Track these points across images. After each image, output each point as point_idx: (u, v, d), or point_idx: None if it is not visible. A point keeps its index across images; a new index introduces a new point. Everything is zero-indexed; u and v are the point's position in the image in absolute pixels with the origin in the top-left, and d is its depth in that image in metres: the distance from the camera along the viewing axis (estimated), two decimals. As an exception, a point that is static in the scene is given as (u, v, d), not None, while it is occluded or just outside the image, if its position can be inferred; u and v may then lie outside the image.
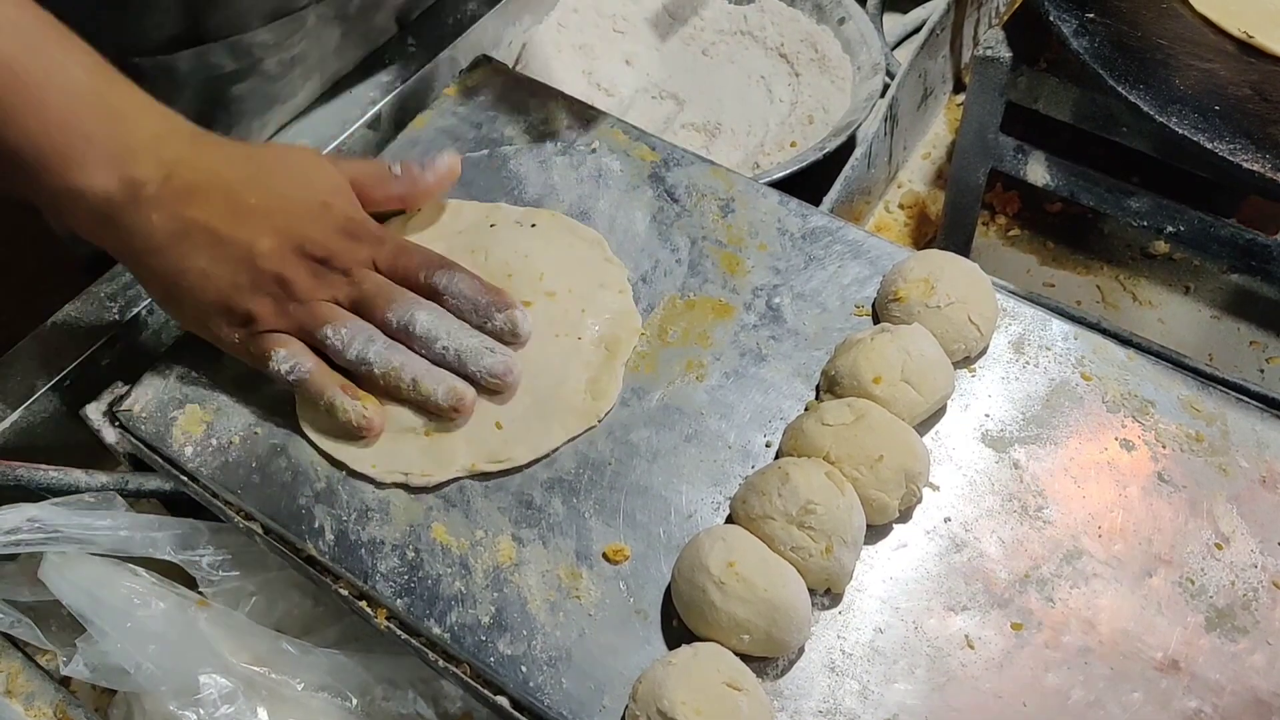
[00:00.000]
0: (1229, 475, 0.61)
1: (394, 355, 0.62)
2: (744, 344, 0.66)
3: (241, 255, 0.61)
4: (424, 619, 0.57)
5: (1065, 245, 0.93)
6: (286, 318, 0.62)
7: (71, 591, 0.60)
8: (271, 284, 0.61)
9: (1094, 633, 0.56)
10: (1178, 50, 0.74)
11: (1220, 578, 0.57)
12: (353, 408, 0.61)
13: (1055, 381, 0.64)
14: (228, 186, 0.62)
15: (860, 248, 0.70)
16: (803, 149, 0.89)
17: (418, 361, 0.62)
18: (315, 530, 0.60)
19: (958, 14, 0.97)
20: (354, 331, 0.62)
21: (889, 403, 0.60)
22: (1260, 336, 0.87)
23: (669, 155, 0.76)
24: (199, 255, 0.61)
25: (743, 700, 0.51)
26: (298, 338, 0.62)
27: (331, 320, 0.62)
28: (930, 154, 1.00)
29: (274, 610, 0.63)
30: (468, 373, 0.62)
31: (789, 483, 0.56)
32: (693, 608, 0.55)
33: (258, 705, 0.59)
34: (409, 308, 0.62)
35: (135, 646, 0.59)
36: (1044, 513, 0.60)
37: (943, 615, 0.57)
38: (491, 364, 0.62)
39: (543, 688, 0.55)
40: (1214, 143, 0.68)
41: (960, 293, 0.64)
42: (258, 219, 0.62)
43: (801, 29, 1.00)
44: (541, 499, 0.61)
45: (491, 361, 0.62)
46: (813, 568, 0.55)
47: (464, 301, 0.63)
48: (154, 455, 0.64)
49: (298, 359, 0.61)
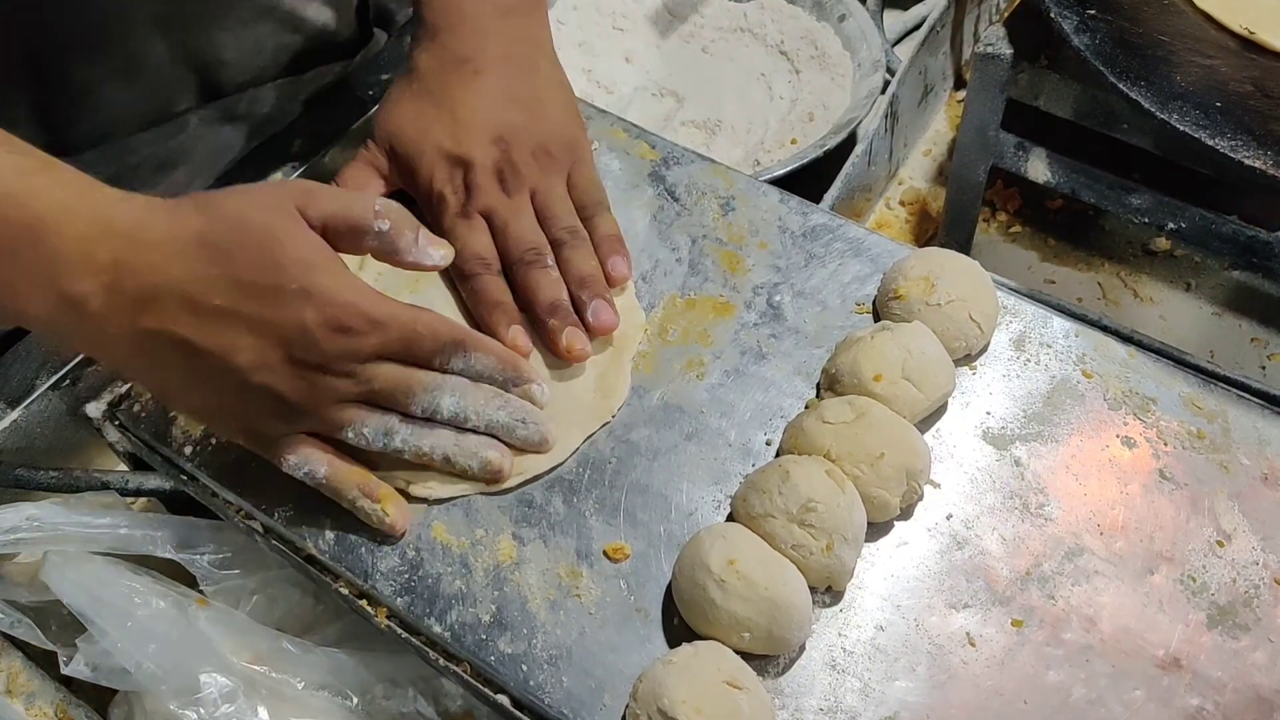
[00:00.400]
0: (1230, 472, 0.60)
1: (422, 441, 0.58)
2: (744, 342, 0.66)
3: (221, 369, 0.54)
4: (424, 618, 0.57)
5: (1066, 242, 0.93)
6: (293, 424, 0.57)
7: (72, 590, 0.60)
8: (266, 399, 0.55)
9: (1095, 630, 0.56)
10: (1179, 47, 0.74)
11: (1222, 575, 0.57)
12: (372, 510, 0.58)
13: (1056, 379, 0.64)
14: (182, 289, 0.53)
15: (861, 245, 0.70)
16: (803, 146, 0.89)
17: (445, 439, 0.58)
18: (315, 529, 0.60)
19: (958, 10, 0.97)
20: (375, 429, 0.57)
21: (890, 400, 0.60)
22: (1261, 333, 0.87)
23: (669, 153, 0.76)
24: (173, 368, 0.54)
25: (743, 699, 0.51)
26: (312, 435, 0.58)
27: (347, 424, 0.57)
28: (931, 151, 1.00)
29: (274, 609, 0.63)
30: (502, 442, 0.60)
31: (790, 481, 0.56)
32: (693, 606, 0.55)
33: (258, 704, 0.59)
34: (433, 397, 0.58)
35: (136, 645, 0.59)
36: (1045, 510, 0.60)
37: (944, 613, 0.56)
38: (525, 435, 0.60)
39: (543, 686, 0.54)
40: (1215, 139, 0.67)
41: (961, 290, 0.64)
42: (228, 322, 0.53)
43: (802, 26, 1.00)
44: (542, 498, 0.61)
45: (525, 434, 0.60)
46: (814, 566, 0.55)
47: (483, 380, 0.60)
48: (154, 454, 0.63)
49: (310, 465, 0.57)
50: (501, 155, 0.67)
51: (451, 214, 0.67)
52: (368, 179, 0.70)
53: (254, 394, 0.55)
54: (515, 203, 0.67)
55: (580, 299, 0.64)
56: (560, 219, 0.67)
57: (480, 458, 0.59)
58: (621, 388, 0.64)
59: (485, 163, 0.67)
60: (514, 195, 0.67)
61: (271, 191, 0.57)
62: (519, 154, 0.67)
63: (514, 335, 0.63)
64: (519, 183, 0.67)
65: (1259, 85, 0.71)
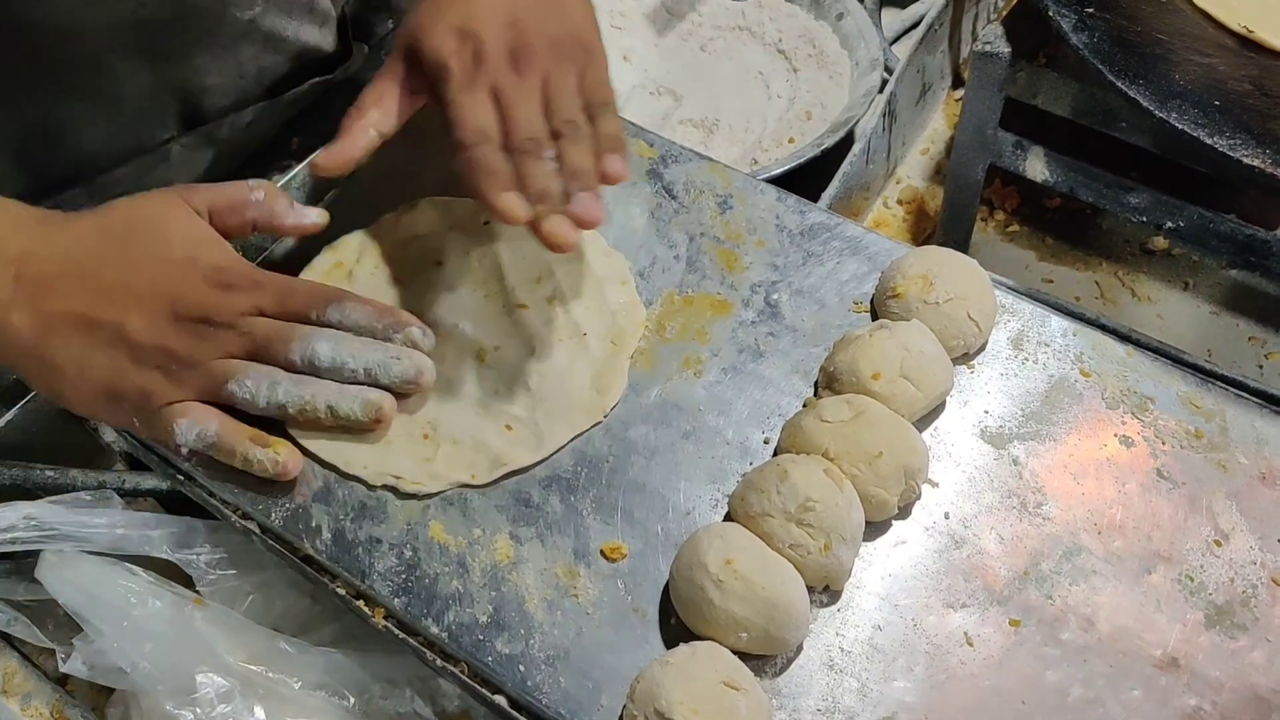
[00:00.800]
0: (1228, 471, 0.60)
1: (304, 390, 0.60)
2: (742, 340, 0.66)
3: (114, 336, 0.58)
4: (421, 618, 0.57)
5: (1064, 241, 0.93)
6: (183, 385, 0.59)
7: (68, 590, 0.59)
8: (156, 356, 0.59)
9: (1093, 630, 0.56)
10: (1177, 45, 0.74)
11: (1219, 574, 0.57)
12: (265, 456, 0.59)
13: (1054, 378, 0.64)
14: (81, 269, 0.59)
15: (859, 244, 0.70)
16: (801, 145, 0.89)
17: (328, 388, 0.60)
18: (312, 529, 0.60)
19: (956, 9, 0.97)
20: (258, 380, 0.59)
21: (888, 399, 0.60)
22: (1259, 332, 0.87)
23: (667, 151, 0.75)
24: (70, 347, 0.58)
25: (740, 699, 0.51)
26: (200, 401, 0.60)
27: (232, 375, 0.59)
28: (929, 149, 1.00)
29: (271, 609, 0.63)
30: (381, 387, 0.61)
31: (788, 480, 0.56)
32: (691, 606, 0.55)
33: (255, 704, 0.59)
34: (308, 342, 0.60)
35: (132, 645, 0.59)
36: (1043, 509, 0.60)
37: (942, 612, 0.56)
38: (402, 371, 0.61)
39: (540, 686, 0.54)
40: (1214, 138, 0.67)
41: (959, 289, 0.64)
42: (120, 295, 0.59)
43: (799, 25, 1.00)
44: (539, 497, 0.60)
45: (401, 369, 0.61)
46: (811, 565, 0.55)
47: (361, 330, 0.61)
48: (151, 454, 0.63)
49: (201, 424, 0.59)
50: (516, 36, 0.64)
51: (456, 84, 0.63)
52: (384, 90, 0.67)
53: (146, 357, 0.58)
54: (525, 84, 0.63)
55: (568, 190, 0.61)
56: (564, 111, 0.63)
57: (361, 399, 0.60)
58: (618, 385, 0.64)
59: (497, 40, 0.64)
60: (525, 76, 0.63)
61: (158, 190, 0.63)
62: (534, 39, 0.64)
63: (507, 201, 0.59)
64: (530, 65, 0.63)
65: (1257, 83, 0.71)
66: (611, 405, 0.63)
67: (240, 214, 0.63)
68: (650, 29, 1.03)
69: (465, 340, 0.65)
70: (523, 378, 0.64)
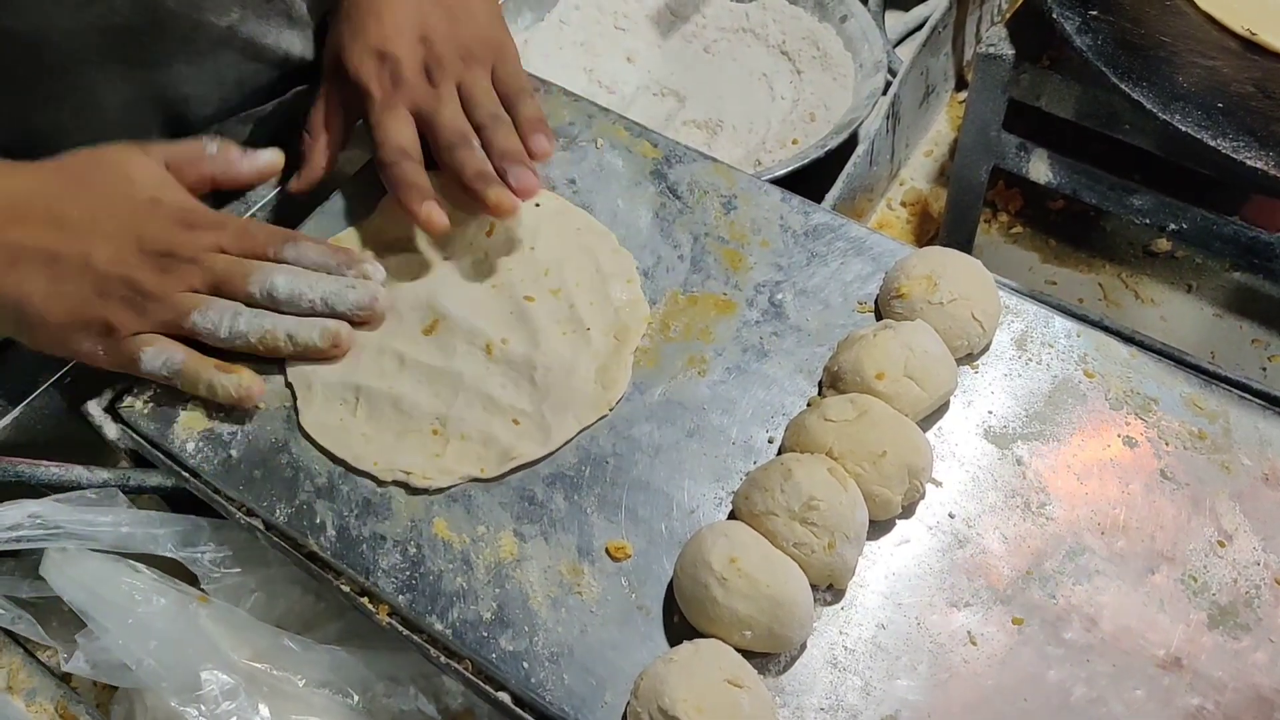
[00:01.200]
0: (1231, 473, 0.61)
1: (264, 320, 0.63)
2: (746, 340, 0.66)
3: (80, 268, 0.60)
4: (426, 615, 0.57)
5: (1067, 243, 0.93)
6: (147, 317, 0.62)
7: (72, 588, 0.59)
8: (121, 288, 0.61)
9: (1096, 629, 0.56)
10: (1181, 47, 0.74)
11: (1223, 575, 0.57)
12: (229, 380, 0.62)
13: (1058, 378, 0.64)
14: (45, 204, 0.61)
15: (862, 245, 0.70)
16: (805, 146, 0.89)
17: (287, 319, 0.64)
18: (317, 526, 0.60)
19: (960, 11, 0.97)
20: (220, 311, 0.62)
21: (892, 398, 0.60)
22: (1262, 334, 0.87)
23: (671, 152, 0.76)
24: (36, 279, 0.60)
25: (744, 697, 0.51)
26: (163, 333, 0.62)
27: (195, 306, 0.62)
28: (932, 151, 1.00)
29: (275, 606, 0.63)
30: (337, 315, 0.65)
31: (792, 479, 0.56)
32: (695, 604, 0.55)
33: (259, 701, 0.59)
34: (266, 275, 0.63)
35: (136, 643, 0.59)
36: (1046, 509, 0.60)
37: (945, 611, 0.56)
38: (356, 298, 0.64)
39: (544, 684, 0.54)
40: (1217, 140, 0.67)
41: (963, 289, 0.64)
42: (86, 228, 0.61)
43: (803, 26, 1.00)
44: (543, 494, 0.61)
45: (356, 296, 0.64)
46: (815, 564, 0.55)
47: (316, 267, 0.65)
48: (155, 451, 0.64)
49: (167, 353, 0.62)
50: (427, 52, 0.71)
51: (378, 106, 0.70)
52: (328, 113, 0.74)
53: (111, 287, 0.60)
54: (440, 93, 0.70)
55: (502, 169, 0.67)
56: (483, 106, 0.70)
57: (320, 326, 0.64)
58: (622, 380, 0.64)
59: (411, 59, 0.70)
60: (439, 86, 0.70)
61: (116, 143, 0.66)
62: (443, 49, 0.71)
63: (427, 210, 0.66)
64: (443, 75, 0.70)
65: (1261, 86, 0.71)
66: (616, 399, 0.63)
67: (197, 168, 0.67)
68: (654, 30, 1.03)
69: (475, 332, 0.66)
70: (529, 372, 0.64)
